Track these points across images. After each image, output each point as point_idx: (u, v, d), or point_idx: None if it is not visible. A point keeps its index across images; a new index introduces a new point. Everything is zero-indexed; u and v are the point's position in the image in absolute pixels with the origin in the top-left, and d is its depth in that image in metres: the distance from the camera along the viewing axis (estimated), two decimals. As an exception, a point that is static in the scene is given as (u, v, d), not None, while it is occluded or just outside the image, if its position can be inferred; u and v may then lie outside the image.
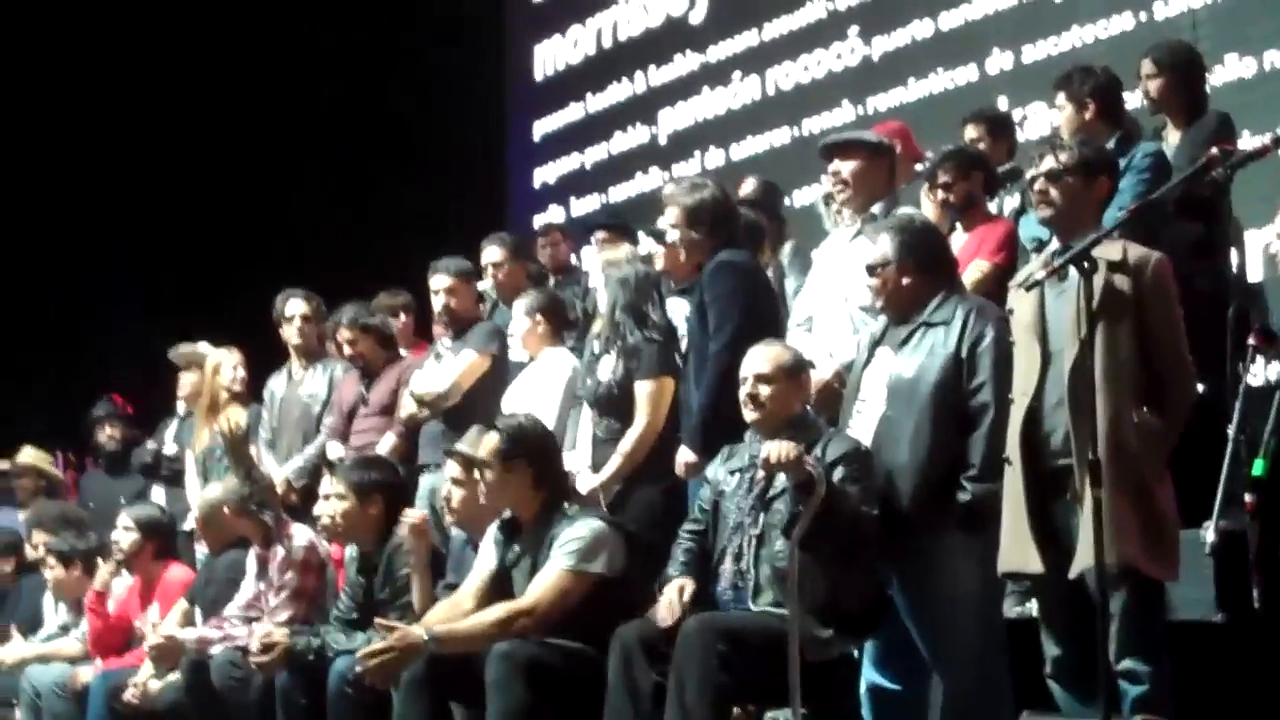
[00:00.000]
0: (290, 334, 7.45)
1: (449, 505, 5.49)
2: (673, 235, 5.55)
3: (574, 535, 4.84)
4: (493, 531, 5.15)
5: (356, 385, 7.08)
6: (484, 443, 5.09)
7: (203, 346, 8.09)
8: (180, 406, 8.35)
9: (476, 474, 5.24)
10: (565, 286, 7.41)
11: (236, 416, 7.33)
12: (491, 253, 7.18)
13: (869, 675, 4.64)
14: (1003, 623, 4.65)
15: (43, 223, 11.48)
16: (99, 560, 7.19)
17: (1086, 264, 3.93)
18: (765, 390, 4.64)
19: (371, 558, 5.62)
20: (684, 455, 5.24)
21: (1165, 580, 4.21)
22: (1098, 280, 4.02)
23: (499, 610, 4.84)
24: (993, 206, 6.20)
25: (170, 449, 8.20)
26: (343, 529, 5.70)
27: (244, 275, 10.50)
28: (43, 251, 11.45)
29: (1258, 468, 3.45)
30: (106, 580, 7.02)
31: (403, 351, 7.40)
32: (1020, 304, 4.37)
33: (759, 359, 4.69)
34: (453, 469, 5.47)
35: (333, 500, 5.68)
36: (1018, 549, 4.20)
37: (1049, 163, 4.38)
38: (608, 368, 5.71)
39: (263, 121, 11.63)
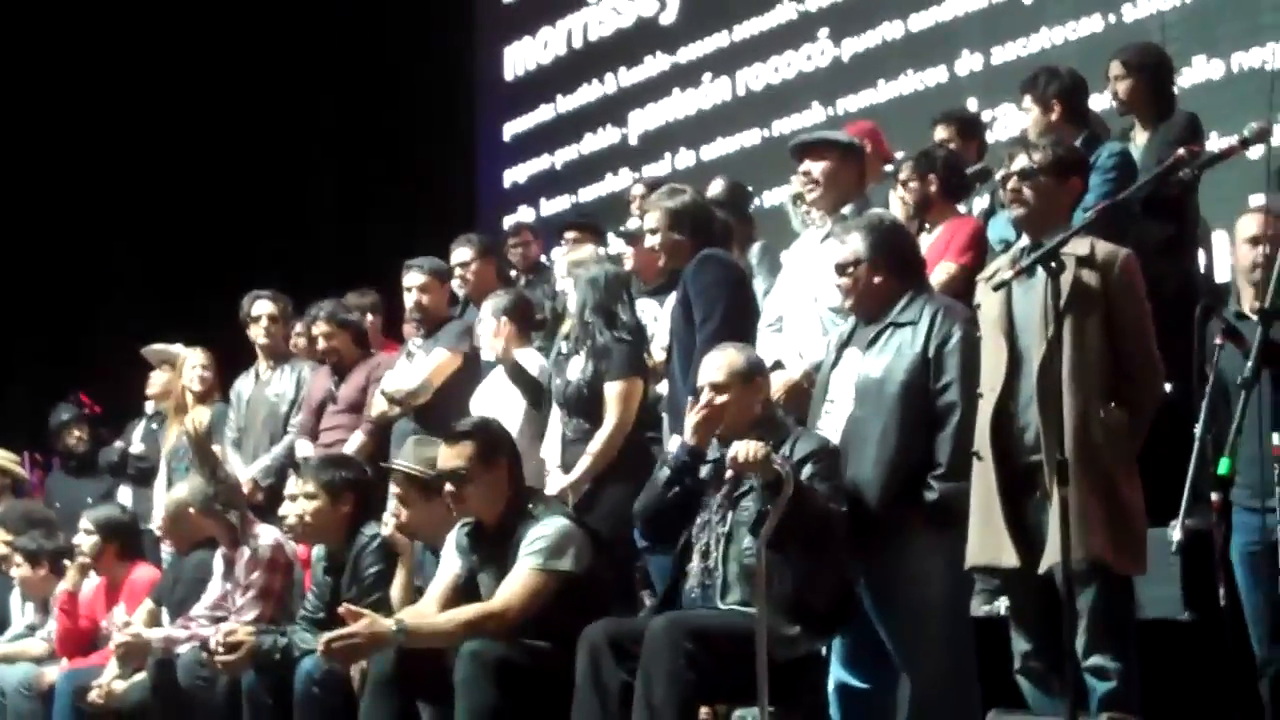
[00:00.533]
0: (257, 334, 7.45)
1: (398, 520, 5.38)
2: (653, 239, 5.57)
3: (540, 534, 4.81)
4: (454, 537, 5.10)
5: (326, 382, 7.06)
6: (457, 452, 4.95)
7: (176, 347, 8.06)
8: (149, 406, 8.32)
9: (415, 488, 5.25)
10: (535, 286, 7.41)
11: (200, 416, 7.30)
12: (461, 253, 7.18)
13: (837, 673, 4.64)
14: (970, 621, 4.65)
15: (14, 220, 11.41)
16: (66, 561, 7.14)
17: (1054, 263, 3.93)
18: (720, 400, 4.64)
19: (339, 557, 5.57)
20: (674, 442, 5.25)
21: (1133, 574, 4.23)
22: (1066, 276, 4.03)
23: (470, 610, 4.81)
24: (961, 207, 6.22)
25: (137, 448, 8.16)
26: (312, 529, 5.64)
27: (212, 275, 10.47)
28: (13, 251, 11.38)
29: (1223, 466, 3.46)
30: (77, 580, 6.97)
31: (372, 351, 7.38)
32: (987, 300, 4.39)
33: (712, 366, 4.69)
34: (396, 484, 5.38)
35: (301, 500, 5.62)
36: (990, 543, 4.22)
37: (1022, 162, 4.39)
38: (577, 368, 5.71)
39: (231, 123, 11.58)
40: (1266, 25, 6.68)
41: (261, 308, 7.42)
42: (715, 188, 7.18)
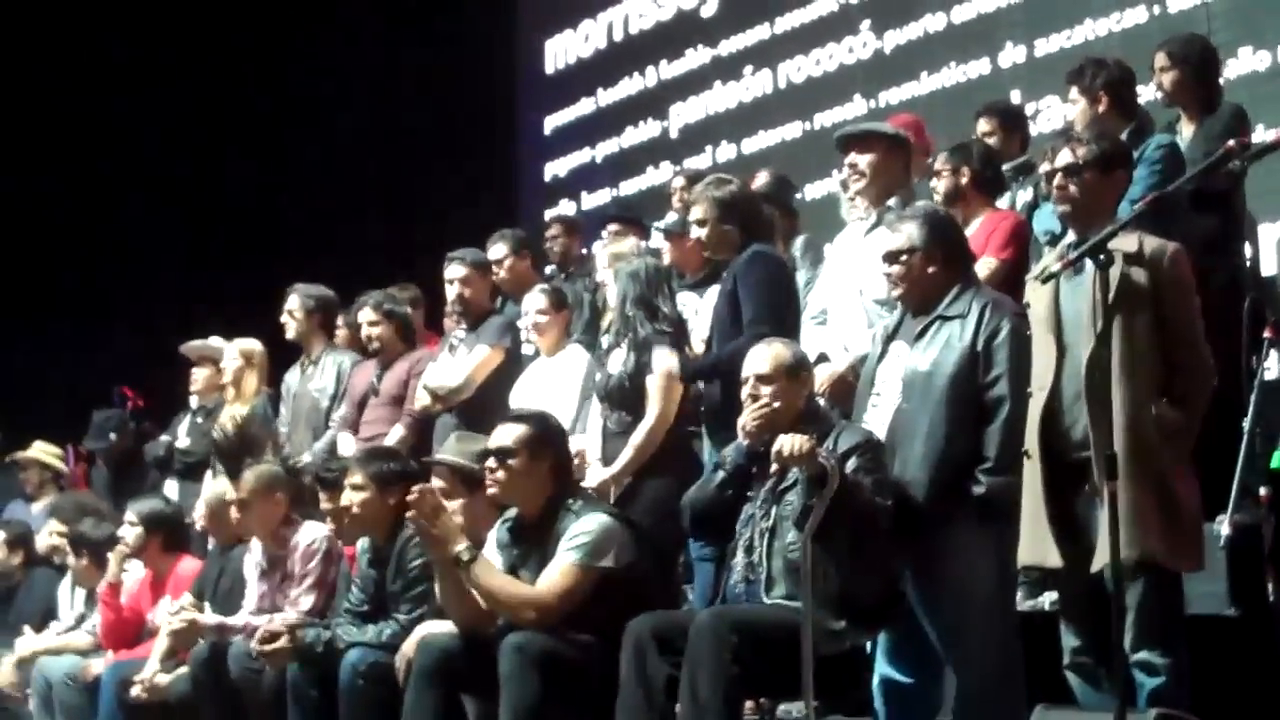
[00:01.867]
0: (289, 330, 7.49)
1: None
2: (699, 230, 5.57)
3: (581, 530, 4.82)
4: (495, 532, 5.12)
5: (369, 375, 7.09)
6: (509, 432, 5.01)
7: (214, 341, 8.09)
8: (193, 400, 8.35)
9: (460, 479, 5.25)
10: (575, 279, 7.42)
11: (233, 415, 7.33)
12: (496, 249, 7.21)
13: (881, 668, 4.62)
14: (1017, 616, 4.64)
15: (55, 214, 11.49)
16: (108, 554, 7.18)
17: (1103, 256, 3.91)
18: (766, 390, 4.63)
19: (384, 550, 5.57)
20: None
21: (1189, 571, 4.20)
22: (1114, 272, 4.00)
23: (523, 588, 4.80)
24: (1004, 201, 6.18)
25: (183, 442, 8.19)
26: (359, 520, 5.62)
27: (253, 268, 10.52)
28: (56, 245, 11.46)
29: (1275, 460, 3.43)
30: (116, 573, 6.99)
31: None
32: (1035, 298, 4.37)
33: (759, 359, 4.68)
34: (438, 480, 5.35)
35: (349, 491, 5.61)
36: (1037, 542, 4.20)
37: (1066, 157, 4.36)
38: (618, 361, 5.71)
39: (273, 117, 11.63)
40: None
41: (288, 303, 7.48)
42: (760, 180, 7.17)
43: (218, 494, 6.64)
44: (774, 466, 4.51)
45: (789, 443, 4.35)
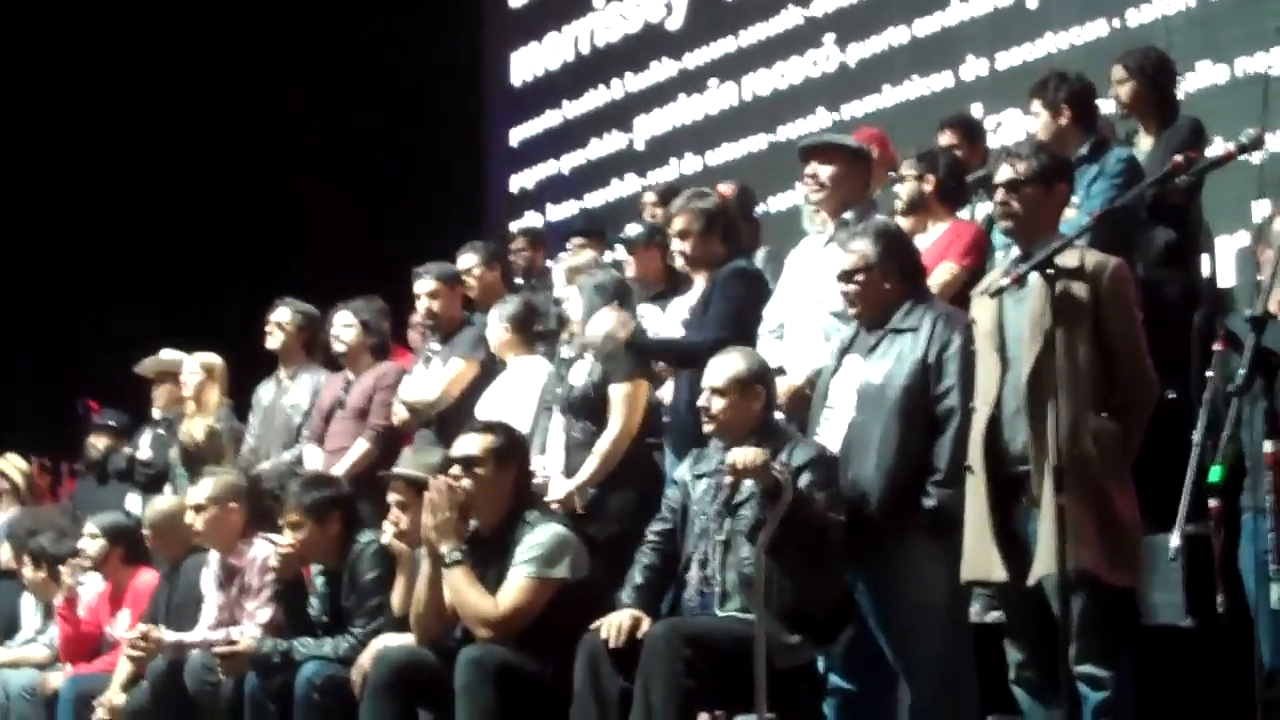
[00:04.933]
0: (272, 341, 7.45)
1: (397, 527, 5.34)
2: (679, 243, 5.60)
3: (535, 541, 4.83)
4: None
5: (337, 388, 7.07)
6: (475, 441, 5.01)
7: (167, 354, 8.06)
8: (156, 413, 8.32)
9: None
10: (539, 292, 7.42)
11: (195, 428, 7.30)
12: (466, 260, 7.19)
13: (835, 680, 4.63)
14: (969, 627, 4.66)
15: (28, 229, 11.46)
16: (63, 566, 7.13)
17: (1050, 270, 3.96)
18: (719, 403, 4.65)
19: (336, 572, 5.59)
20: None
21: (1123, 586, 4.20)
22: (1055, 288, 4.04)
23: (487, 599, 4.78)
24: (964, 213, 6.21)
25: (145, 455, 8.16)
26: (304, 557, 5.63)
27: (220, 281, 10.51)
28: (19, 254, 11.43)
29: (1215, 474, 3.45)
30: (71, 586, 6.96)
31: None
32: (981, 313, 4.38)
33: (714, 372, 4.70)
34: (394, 493, 5.36)
35: (288, 531, 5.60)
36: (981, 557, 4.22)
37: (1007, 173, 4.38)
38: (582, 372, 5.71)
39: (239, 129, 11.62)
40: (1270, 30, 6.65)
41: (276, 314, 7.43)
42: (723, 191, 7.17)
43: (163, 510, 6.59)
44: (728, 479, 4.52)
45: (743, 455, 4.37)
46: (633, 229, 6.69)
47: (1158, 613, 4.75)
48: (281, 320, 7.41)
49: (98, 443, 8.59)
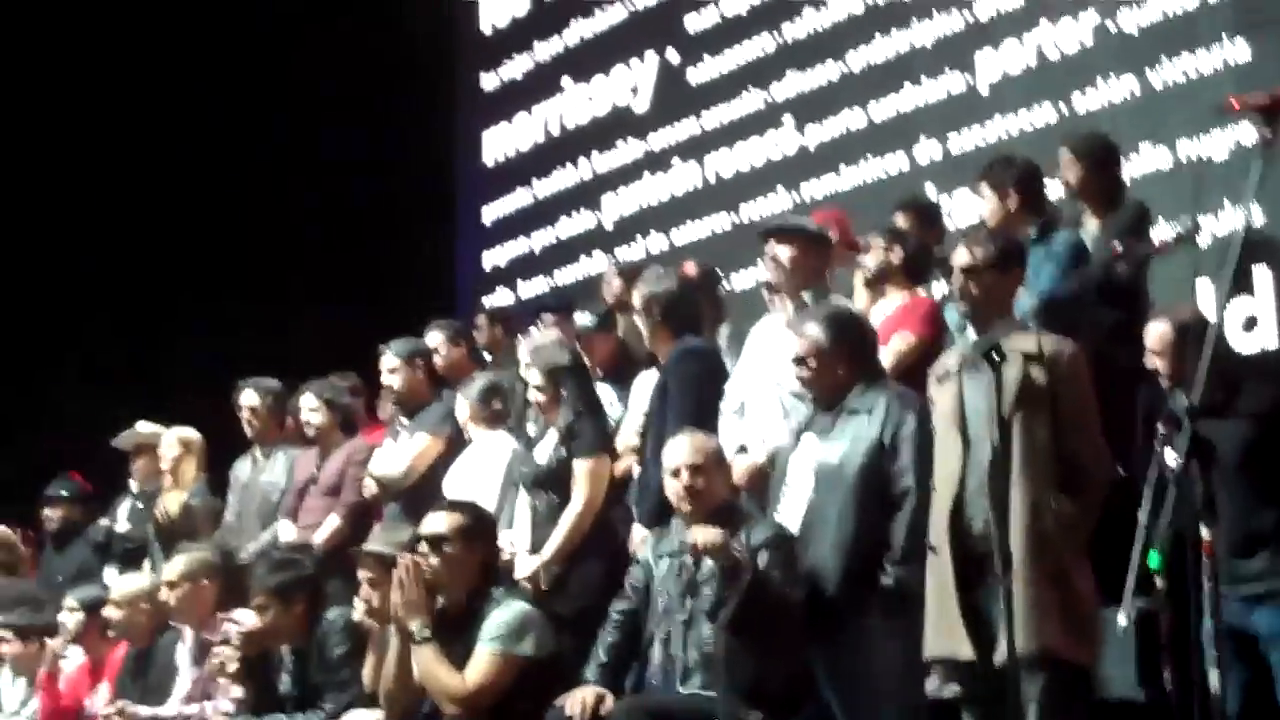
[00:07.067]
0: (250, 429, 7.53)
1: (368, 605, 5.39)
2: (638, 319, 5.78)
3: (501, 620, 4.88)
4: None
5: (310, 465, 7.16)
6: (443, 520, 5.06)
7: (143, 426, 8.14)
8: (133, 485, 8.38)
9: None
10: (505, 369, 7.52)
11: (172, 503, 7.38)
12: (432, 338, 7.30)
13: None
14: (926, 704, 4.68)
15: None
16: (46, 639, 7.17)
17: (997, 356, 4.05)
18: (701, 481, 4.77)
19: (303, 649, 5.66)
20: (639, 533, 5.36)
21: (1084, 663, 4.29)
22: (1014, 372, 4.16)
23: (448, 683, 4.86)
24: (923, 291, 6.33)
25: (123, 527, 8.19)
26: (272, 638, 5.70)
27: (191, 358, 10.56)
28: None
29: (1152, 560, 3.53)
30: (54, 661, 7.00)
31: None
32: (940, 394, 4.50)
33: (688, 450, 4.81)
34: (364, 570, 5.40)
35: (254, 614, 5.67)
36: (946, 635, 4.29)
37: (964, 258, 4.52)
38: (548, 447, 5.82)
39: (210, 206, 11.72)
40: (1211, 116, 6.79)
41: (243, 398, 7.50)
42: (686, 271, 7.31)
43: (128, 592, 6.61)
44: (688, 558, 4.64)
45: (703, 535, 4.49)
46: (582, 319, 6.81)
47: (1113, 685, 4.81)
48: (251, 404, 7.49)
49: (53, 514, 8.63)
